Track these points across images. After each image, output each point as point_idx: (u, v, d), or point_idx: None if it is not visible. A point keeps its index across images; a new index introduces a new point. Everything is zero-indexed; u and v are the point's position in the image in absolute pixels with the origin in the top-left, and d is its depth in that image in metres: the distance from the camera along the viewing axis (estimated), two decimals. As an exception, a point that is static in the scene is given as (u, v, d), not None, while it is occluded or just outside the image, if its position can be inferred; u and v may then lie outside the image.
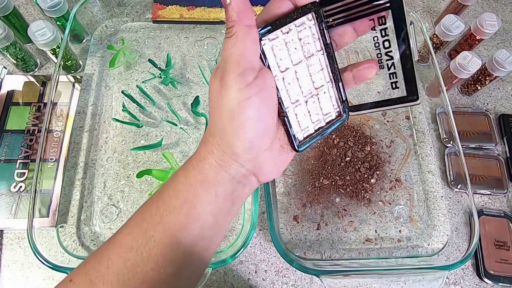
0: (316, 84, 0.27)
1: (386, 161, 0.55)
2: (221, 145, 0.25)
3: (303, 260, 0.47)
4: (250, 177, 0.27)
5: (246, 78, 0.23)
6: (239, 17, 0.22)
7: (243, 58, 0.23)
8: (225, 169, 0.25)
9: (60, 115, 0.55)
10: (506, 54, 0.54)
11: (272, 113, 0.25)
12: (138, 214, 0.27)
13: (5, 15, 0.55)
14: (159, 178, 0.50)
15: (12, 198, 0.49)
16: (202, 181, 0.25)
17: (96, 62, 0.60)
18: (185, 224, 0.25)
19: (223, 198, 0.26)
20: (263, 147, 0.26)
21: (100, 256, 0.26)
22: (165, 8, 0.64)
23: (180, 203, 0.25)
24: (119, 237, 0.26)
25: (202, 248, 0.26)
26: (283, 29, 0.24)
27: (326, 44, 0.26)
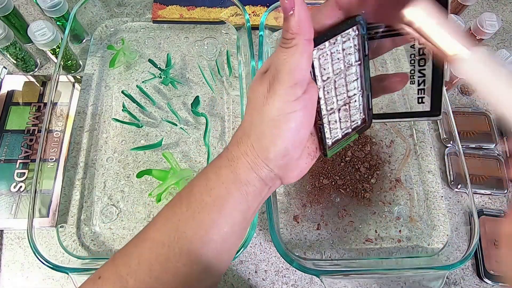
0: (350, 93, 0.28)
1: (386, 161, 0.55)
2: (256, 148, 0.25)
3: (303, 260, 0.47)
4: (275, 180, 0.27)
5: (296, 91, 0.24)
6: (301, 30, 0.22)
7: (298, 71, 0.23)
8: (256, 171, 0.26)
9: (60, 115, 0.55)
10: (506, 54, 0.54)
11: (310, 125, 0.26)
12: (168, 211, 0.27)
13: (5, 15, 0.55)
14: (159, 178, 0.50)
15: (12, 198, 0.49)
16: (234, 180, 0.26)
17: (96, 62, 0.60)
18: (217, 221, 0.25)
19: (252, 197, 0.26)
20: (296, 156, 0.26)
21: (129, 252, 0.26)
22: (165, 8, 0.64)
23: (213, 200, 0.26)
24: (149, 233, 0.26)
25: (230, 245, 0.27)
26: (331, 40, 0.25)
27: (365, 55, 0.27)
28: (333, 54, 0.25)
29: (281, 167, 0.26)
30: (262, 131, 0.25)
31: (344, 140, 0.30)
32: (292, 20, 0.22)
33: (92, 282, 0.26)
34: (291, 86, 0.23)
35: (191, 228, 0.25)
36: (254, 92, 0.25)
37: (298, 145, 0.26)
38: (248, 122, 0.26)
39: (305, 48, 0.23)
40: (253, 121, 0.25)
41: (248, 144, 0.26)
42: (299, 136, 0.25)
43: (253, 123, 0.25)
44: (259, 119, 0.25)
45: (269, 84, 0.24)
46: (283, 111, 0.24)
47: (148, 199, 0.51)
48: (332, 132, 0.29)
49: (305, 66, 0.23)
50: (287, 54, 0.23)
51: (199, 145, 0.55)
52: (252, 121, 0.25)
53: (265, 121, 0.24)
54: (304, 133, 0.25)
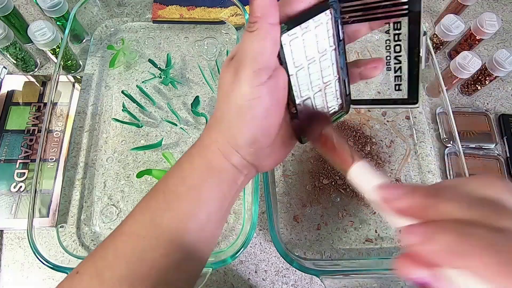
0: (325, 79, 0.27)
1: (386, 161, 0.55)
2: (225, 135, 0.25)
3: (303, 260, 0.47)
4: (250, 168, 0.27)
5: (260, 76, 0.23)
6: (264, 14, 0.22)
7: (261, 56, 0.22)
8: (228, 158, 0.25)
9: (60, 115, 0.55)
10: (506, 54, 0.54)
11: (279, 112, 0.25)
12: (143, 203, 0.27)
13: (5, 15, 0.55)
14: (159, 178, 0.50)
15: (12, 198, 0.49)
16: (207, 168, 0.26)
17: (96, 62, 0.60)
18: (193, 209, 0.25)
19: (226, 184, 0.26)
20: (266, 143, 0.26)
21: (106, 246, 0.26)
22: (165, 8, 0.64)
23: (187, 189, 0.25)
24: (125, 226, 0.26)
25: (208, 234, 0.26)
26: (302, 25, 0.24)
27: (340, 40, 0.26)
28: (305, 40, 0.25)
29: (253, 154, 0.26)
30: (229, 119, 0.24)
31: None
32: (255, 3, 0.21)
33: (70, 277, 0.26)
34: (254, 71, 0.22)
35: (167, 218, 0.25)
36: (222, 79, 0.25)
37: (267, 132, 0.25)
38: (219, 110, 0.25)
39: (268, 32, 0.22)
40: (222, 108, 0.25)
41: (218, 131, 0.25)
42: (267, 123, 0.25)
43: (222, 110, 0.25)
44: (227, 106, 0.24)
45: (234, 70, 0.23)
46: (247, 97, 0.23)
47: (148, 199, 0.51)
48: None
49: (269, 51, 0.22)
50: (250, 38, 0.22)
51: (199, 145, 0.55)
52: (221, 108, 0.25)
53: (231, 108, 0.24)
54: (272, 120, 0.25)
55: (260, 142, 0.25)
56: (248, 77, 0.23)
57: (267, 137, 0.25)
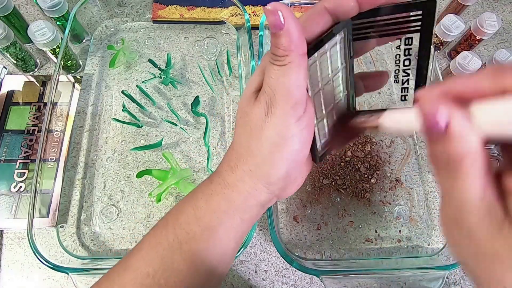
0: (336, 97, 0.27)
1: (386, 161, 0.55)
2: (255, 174, 0.24)
3: (303, 260, 0.47)
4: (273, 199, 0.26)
5: (297, 112, 0.22)
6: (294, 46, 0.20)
7: (298, 90, 0.21)
8: (256, 197, 0.24)
9: (60, 115, 0.55)
10: (506, 54, 0.54)
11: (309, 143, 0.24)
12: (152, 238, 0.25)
13: (5, 15, 0.55)
14: (159, 178, 0.50)
15: (12, 198, 0.49)
16: (227, 208, 0.24)
17: (96, 62, 0.60)
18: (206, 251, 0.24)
19: (247, 223, 0.25)
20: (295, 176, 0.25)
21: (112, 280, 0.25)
22: (165, 8, 0.64)
23: (201, 230, 0.24)
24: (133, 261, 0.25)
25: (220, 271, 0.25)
26: (320, 50, 0.23)
27: (350, 57, 0.26)
28: (321, 63, 0.24)
29: (281, 189, 0.25)
30: (261, 157, 0.23)
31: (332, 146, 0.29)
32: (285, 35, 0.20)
33: None
34: (290, 106, 0.21)
35: (177, 259, 0.24)
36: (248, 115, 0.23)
37: (298, 165, 0.24)
38: (244, 147, 0.24)
39: (300, 64, 0.21)
40: (250, 146, 0.23)
41: (245, 170, 0.24)
42: (300, 157, 0.24)
43: (250, 148, 0.23)
44: (257, 143, 0.23)
45: (266, 106, 0.22)
46: (285, 134, 0.22)
47: (148, 199, 0.51)
48: (321, 138, 0.28)
49: (303, 83, 0.21)
50: (282, 73, 0.21)
51: (199, 145, 0.55)
52: (249, 146, 0.24)
53: (264, 146, 0.23)
54: (305, 152, 0.24)
55: (291, 175, 0.24)
56: (284, 113, 0.21)
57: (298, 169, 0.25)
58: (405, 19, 0.24)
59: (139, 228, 0.49)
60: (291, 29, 0.20)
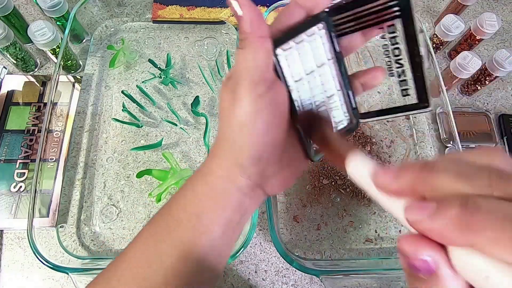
0: (327, 93, 0.27)
1: (386, 161, 0.55)
2: (228, 157, 0.25)
3: (303, 260, 0.47)
4: (256, 190, 0.26)
5: (257, 89, 0.23)
6: (253, 28, 0.22)
7: (256, 69, 0.23)
8: (232, 181, 0.25)
9: (60, 115, 0.55)
10: (506, 54, 0.54)
11: (282, 126, 0.25)
12: (147, 229, 0.27)
13: (5, 15, 0.55)
14: (159, 178, 0.50)
15: (12, 198, 0.49)
16: (209, 194, 0.25)
17: (96, 62, 0.60)
18: (194, 237, 0.25)
19: (230, 210, 0.26)
20: (271, 161, 0.25)
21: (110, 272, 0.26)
22: (165, 8, 0.64)
23: (188, 216, 0.25)
24: (129, 252, 0.26)
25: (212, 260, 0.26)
26: (295, 39, 0.24)
27: (336, 52, 0.26)
28: (300, 54, 0.25)
29: (258, 174, 0.25)
30: (232, 138, 0.24)
31: None
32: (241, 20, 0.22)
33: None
34: (252, 85, 0.23)
35: (168, 246, 0.25)
36: (222, 101, 0.25)
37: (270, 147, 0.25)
38: (221, 133, 0.25)
39: (259, 45, 0.22)
40: (224, 130, 0.25)
41: (222, 155, 0.25)
42: (269, 138, 0.24)
43: (224, 132, 0.25)
44: (228, 126, 0.24)
45: (232, 88, 0.24)
46: (247, 112, 0.23)
47: (148, 199, 0.51)
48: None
49: (263, 63, 0.23)
50: (243, 55, 0.23)
51: (199, 145, 0.55)
52: (224, 130, 0.25)
53: (234, 127, 0.24)
54: (275, 134, 0.25)
55: (265, 160, 0.25)
56: (245, 92, 0.23)
57: (271, 154, 0.25)
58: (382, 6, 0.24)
59: (139, 228, 0.49)
60: (247, 13, 0.22)
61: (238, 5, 0.22)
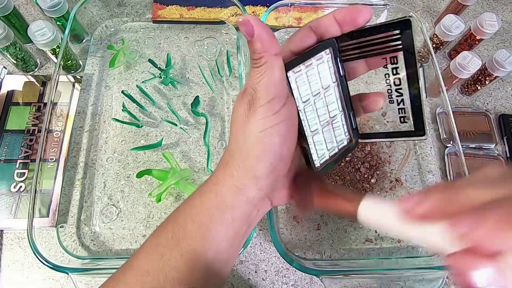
0: (331, 113, 0.29)
1: (386, 161, 0.55)
2: (242, 168, 0.25)
3: (303, 260, 0.47)
4: (265, 201, 0.27)
5: (274, 106, 0.24)
6: (266, 48, 0.23)
7: (273, 86, 0.24)
8: (244, 192, 0.26)
9: (60, 115, 0.55)
10: (506, 54, 0.54)
11: (294, 140, 0.26)
12: (153, 239, 0.27)
13: (5, 15, 0.55)
14: (159, 178, 0.50)
15: (12, 198, 0.49)
16: (219, 205, 0.26)
17: (96, 62, 0.60)
18: (201, 247, 0.25)
19: (239, 222, 0.26)
20: (283, 172, 0.27)
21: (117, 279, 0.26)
22: (165, 8, 0.64)
23: (196, 227, 0.26)
24: (135, 261, 0.26)
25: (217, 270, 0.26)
26: (306, 62, 0.26)
27: (341, 76, 0.28)
28: (309, 76, 0.26)
29: (270, 185, 0.26)
30: (246, 150, 0.25)
31: (332, 160, 0.30)
32: (256, 41, 0.23)
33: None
34: (269, 101, 0.24)
35: (175, 256, 0.25)
36: (236, 114, 0.26)
37: (283, 160, 0.26)
38: (235, 144, 0.26)
39: (274, 63, 0.24)
40: (238, 142, 0.26)
41: (234, 165, 0.26)
42: (283, 151, 0.25)
43: (238, 144, 0.26)
44: (243, 138, 0.25)
45: (248, 103, 0.25)
46: (264, 127, 0.24)
47: (148, 199, 0.51)
48: (319, 153, 0.29)
49: (279, 80, 0.24)
50: (259, 73, 0.24)
51: (199, 145, 0.55)
52: (238, 142, 0.26)
53: (248, 140, 0.25)
54: (288, 147, 0.26)
55: (277, 171, 0.26)
56: (263, 108, 0.24)
57: (283, 165, 0.26)
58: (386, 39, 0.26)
59: (139, 228, 0.49)
60: (261, 34, 0.23)
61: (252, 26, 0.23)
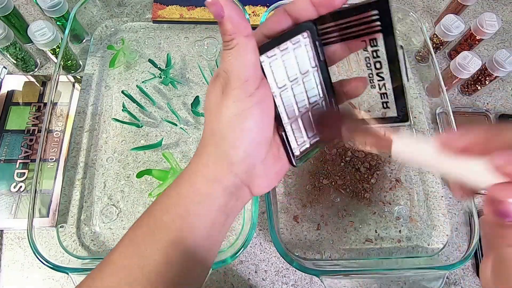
0: (311, 99, 0.28)
1: (386, 161, 0.55)
2: (217, 155, 0.25)
3: (303, 260, 0.47)
4: (243, 189, 0.27)
5: (248, 88, 0.23)
6: (237, 29, 0.22)
7: (245, 68, 0.23)
8: (219, 180, 0.25)
9: (60, 115, 0.55)
10: (506, 54, 0.54)
11: (270, 124, 0.26)
12: (130, 232, 0.26)
13: (5, 15, 0.55)
14: (159, 178, 0.50)
15: (12, 198, 0.49)
16: (194, 195, 0.25)
17: (96, 62, 0.60)
18: (177, 239, 0.25)
19: (215, 211, 0.26)
20: (259, 158, 0.26)
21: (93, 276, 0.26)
22: (165, 8, 0.64)
23: (172, 219, 0.25)
24: (112, 256, 0.26)
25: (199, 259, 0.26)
26: (280, 46, 0.25)
27: (320, 61, 0.27)
28: (285, 60, 0.26)
29: (246, 171, 0.25)
30: (221, 136, 0.24)
31: (312, 149, 0.29)
32: (225, 22, 0.22)
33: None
34: (241, 83, 0.23)
35: (151, 249, 0.25)
36: (209, 99, 0.25)
37: (259, 145, 0.25)
38: (208, 130, 0.25)
39: (246, 45, 0.23)
40: (212, 128, 0.25)
41: (208, 153, 0.25)
42: (259, 135, 0.25)
43: (212, 130, 0.25)
44: (217, 124, 0.24)
45: (222, 87, 0.24)
46: (238, 109, 0.23)
47: (148, 199, 0.51)
48: (298, 140, 0.28)
49: (251, 61, 0.23)
50: (231, 55, 0.23)
51: (199, 145, 0.55)
52: (212, 127, 0.25)
53: (223, 124, 0.24)
54: (264, 131, 0.25)
55: (253, 156, 0.25)
56: (236, 91, 0.23)
57: (260, 150, 0.25)
58: (364, 20, 0.25)
59: (139, 228, 0.49)
60: (231, 14, 0.22)
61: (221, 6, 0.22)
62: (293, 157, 0.28)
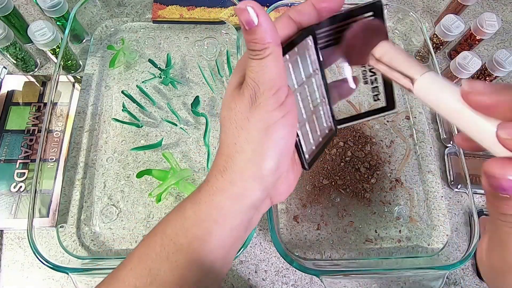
0: (314, 103, 0.28)
1: (386, 161, 0.55)
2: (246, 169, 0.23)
3: (303, 260, 0.47)
4: (266, 201, 0.26)
5: (279, 97, 0.23)
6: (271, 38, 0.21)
7: (278, 78, 0.22)
8: (246, 197, 0.24)
9: (60, 115, 0.55)
10: (506, 54, 0.54)
11: (295, 132, 0.25)
12: (141, 249, 0.25)
13: (5, 15, 0.55)
14: (159, 178, 0.50)
15: (12, 198, 0.49)
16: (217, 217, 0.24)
17: (96, 62, 0.60)
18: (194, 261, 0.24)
19: (238, 229, 0.25)
20: (286, 168, 0.25)
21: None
22: (165, 8, 0.64)
23: (189, 241, 0.24)
24: (121, 273, 0.25)
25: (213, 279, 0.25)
26: (290, 52, 0.25)
27: (320, 64, 0.27)
28: (294, 66, 0.26)
29: (273, 183, 0.25)
30: (251, 148, 0.23)
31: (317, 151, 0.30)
32: (261, 29, 0.21)
33: None
34: (274, 93, 0.22)
35: (165, 271, 0.23)
36: (233, 110, 0.23)
37: (287, 155, 0.25)
38: (231, 145, 0.24)
39: (278, 54, 0.22)
40: (239, 141, 0.23)
41: (235, 170, 0.24)
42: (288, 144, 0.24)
43: (239, 144, 0.23)
44: (244, 137, 0.23)
45: (250, 98, 0.23)
46: (271, 120, 0.23)
47: (148, 199, 0.51)
48: (307, 144, 0.28)
49: (282, 71, 0.23)
50: (263, 65, 0.22)
51: (199, 145, 0.55)
52: (237, 141, 0.23)
53: (252, 136, 0.23)
54: (292, 140, 0.25)
55: (282, 168, 0.24)
56: (268, 101, 0.22)
57: (287, 161, 0.25)
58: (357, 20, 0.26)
59: (139, 228, 0.49)
60: (265, 22, 0.21)
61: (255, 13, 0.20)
62: (305, 161, 0.28)
